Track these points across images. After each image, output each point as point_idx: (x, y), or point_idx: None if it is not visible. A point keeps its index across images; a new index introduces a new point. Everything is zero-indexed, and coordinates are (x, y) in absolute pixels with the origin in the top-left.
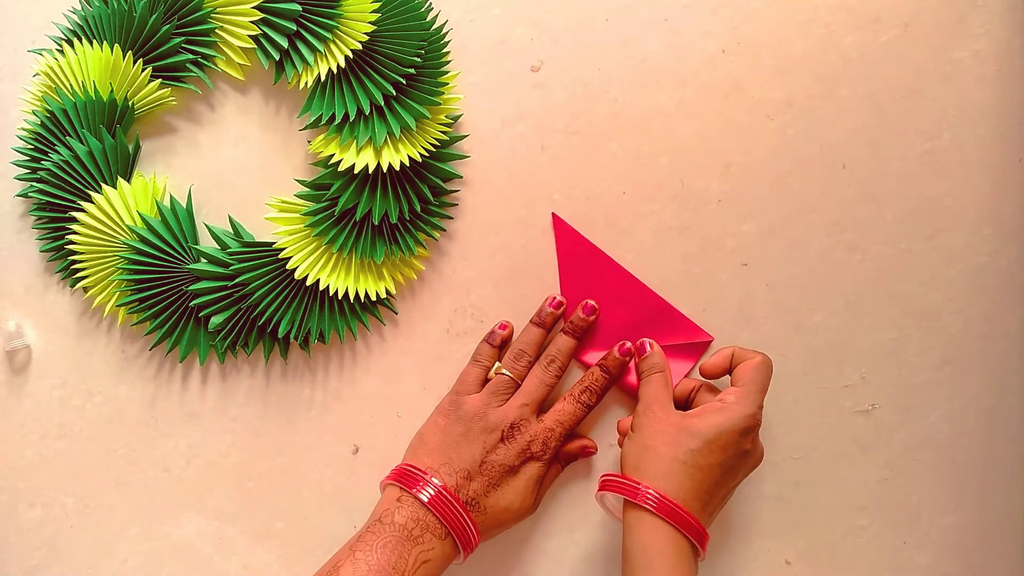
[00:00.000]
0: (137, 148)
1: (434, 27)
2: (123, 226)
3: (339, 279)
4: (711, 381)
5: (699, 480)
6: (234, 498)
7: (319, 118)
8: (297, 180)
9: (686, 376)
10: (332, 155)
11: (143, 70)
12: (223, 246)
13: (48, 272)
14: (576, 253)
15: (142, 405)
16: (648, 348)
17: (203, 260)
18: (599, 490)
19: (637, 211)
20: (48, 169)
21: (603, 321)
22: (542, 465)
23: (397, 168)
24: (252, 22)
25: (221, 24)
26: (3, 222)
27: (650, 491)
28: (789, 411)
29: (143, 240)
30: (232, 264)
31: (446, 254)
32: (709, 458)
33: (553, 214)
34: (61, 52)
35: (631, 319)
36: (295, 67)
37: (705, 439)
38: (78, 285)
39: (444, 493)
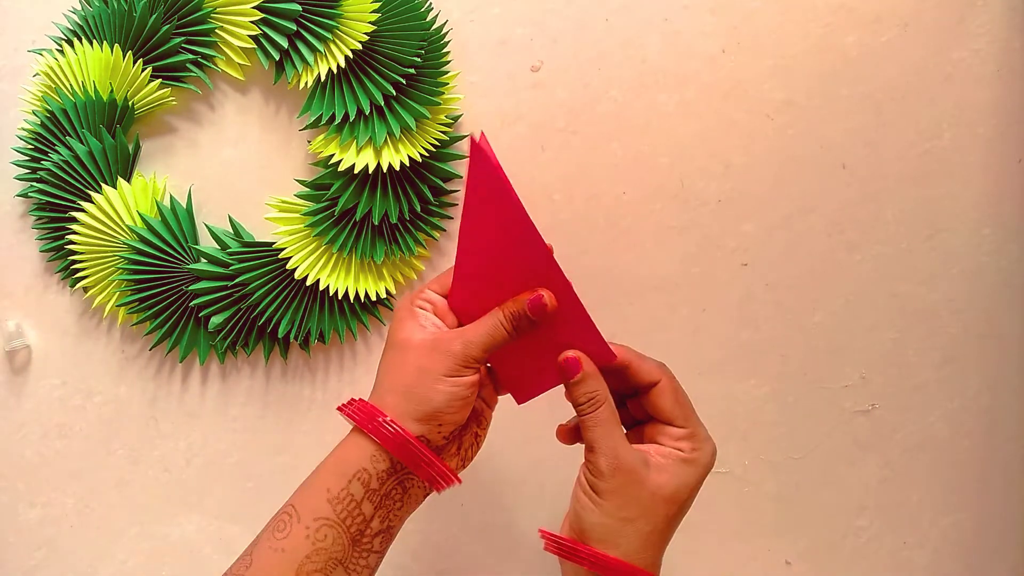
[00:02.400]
0: (137, 148)
1: (434, 27)
2: (123, 226)
3: (339, 279)
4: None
5: (668, 540)
6: (234, 498)
7: (319, 118)
8: (297, 180)
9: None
10: (332, 155)
11: (143, 70)
12: (223, 246)
13: (48, 272)
14: (487, 198)
15: (142, 405)
16: (580, 367)
17: (203, 260)
18: (571, 558)
19: (637, 211)
20: (48, 169)
21: (491, 300)
22: None
23: (397, 168)
24: (252, 22)
25: (221, 24)
26: (3, 222)
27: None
28: (789, 411)
29: (143, 240)
30: (232, 264)
31: (446, 254)
32: (681, 517)
33: (473, 140)
34: (61, 52)
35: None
36: (295, 67)
37: (681, 503)
38: (78, 285)
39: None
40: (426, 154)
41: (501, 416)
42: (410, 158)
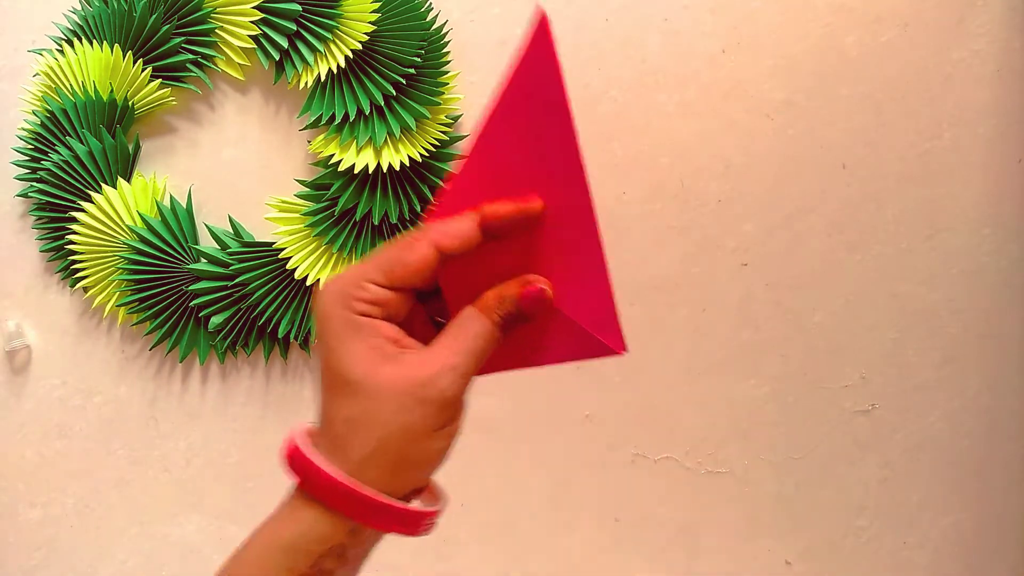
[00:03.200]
0: (137, 148)
1: (434, 27)
2: (123, 226)
3: None
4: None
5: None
6: (234, 498)
7: (319, 118)
8: (297, 180)
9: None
10: (332, 155)
11: (143, 70)
12: (223, 246)
13: (48, 272)
14: (531, 93)
15: (142, 405)
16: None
17: (203, 260)
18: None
19: (637, 211)
20: (48, 169)
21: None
22: None
23: (397, 168)
24: (252, 22)
25: (221, 24)
26: (3, 222)
27: None
28: (789, 411)
29: (143, 240)
30: (232, 264)
31: None
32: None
33: (542, 14)
34: (61, 52)
35: (541, 250)
36: (295, 67)
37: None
38: (78, 285)
39: None
40: (426, 154)
41: (501, 417)
42: (410, 158)
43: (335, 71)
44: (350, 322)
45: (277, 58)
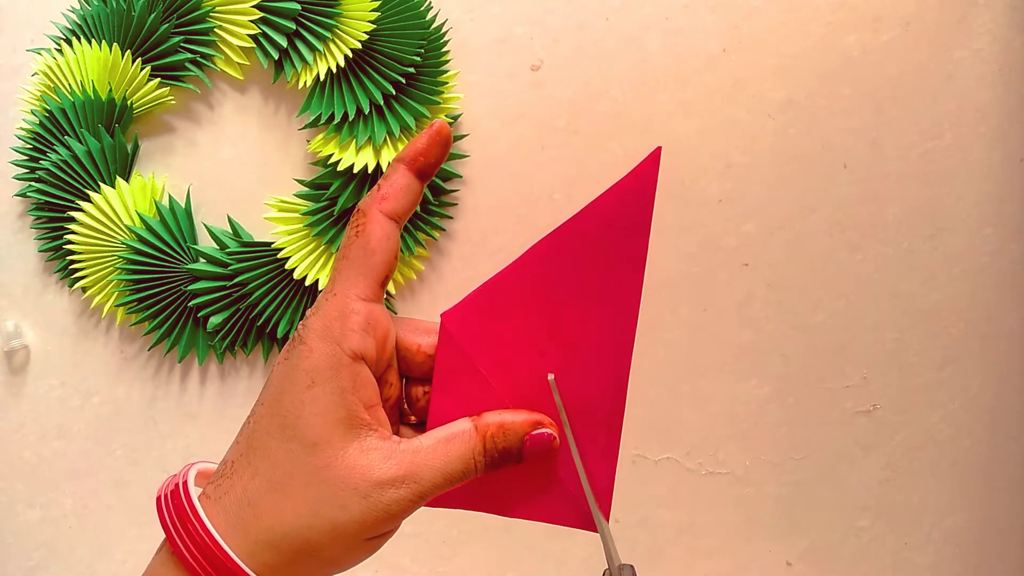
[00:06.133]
0: (136, 148)
1: (434, 26)
2: (122, 226)
3: None
4: None
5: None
6: None
7: (318, 117)
8: (296, 180)
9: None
10: (331, 155)
11: (142, 69)
12: (222, 246)
13: (47, 272)
14: (612, 224)
15: (141, 405)
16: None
17: (202, 260)
18: None
19: None
20: (47, 169)
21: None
22: None
23: None
24: (251, 21)
25: (220, 23)
26: (1, 222)
27: None
28: (790, 412)
29: (142, 240)
30: (231, 264)
31: (446, 254)
32: None
33: (657, 153)
34: (60, 51)
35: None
36: (294, 66)
37: None
38: (77, 285)
39: None
40: None
41: None
42: None
43: (334, 70)
44: (334, 362)
45: (276, 57)
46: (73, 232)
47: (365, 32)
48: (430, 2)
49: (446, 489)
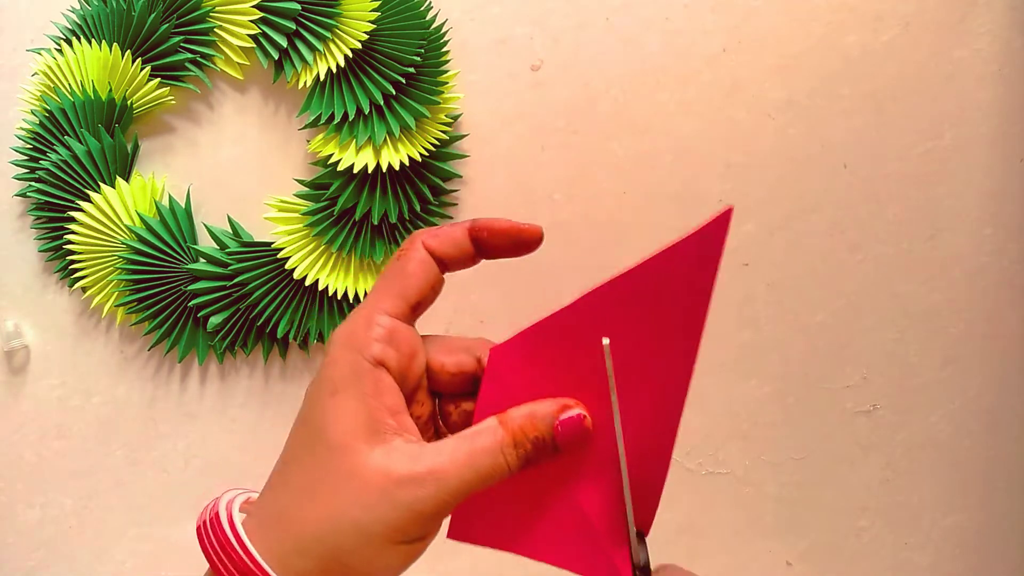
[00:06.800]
0: (136, 148)
1: (434, 26)
2: (122, 226)
3: (338, 279)
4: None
5: None
6: None
7: (318, 117)
8: (296, 180)
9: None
10: (331, 155)
11: (142, 69)
12: (222, 246)
13: (47, 272)
14: (676, 275)
15: (141, 405)
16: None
17: (202, 260)
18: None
19: (637, 211)
20: (47, 169)
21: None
22: None
23: (397, 168)
24: (251, 21)
25: (220, 23)
26: (1, 222)
27: None
28: (790, 412)
29: (142, 240)
30: (231, 264)
31: None
32: None
33: (728, 211)
34: (60, 51)
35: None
36: (294, 66)
37: None
38: (77, 285)
39: None
40: (426, 154)
41: None
42: (410, 158)
43: (334, 70)
44: (356, 368)
45: (276, 57)
46: (73, 232)
47: (365, 32)
48: (430, 2)
49: (475, 489)
